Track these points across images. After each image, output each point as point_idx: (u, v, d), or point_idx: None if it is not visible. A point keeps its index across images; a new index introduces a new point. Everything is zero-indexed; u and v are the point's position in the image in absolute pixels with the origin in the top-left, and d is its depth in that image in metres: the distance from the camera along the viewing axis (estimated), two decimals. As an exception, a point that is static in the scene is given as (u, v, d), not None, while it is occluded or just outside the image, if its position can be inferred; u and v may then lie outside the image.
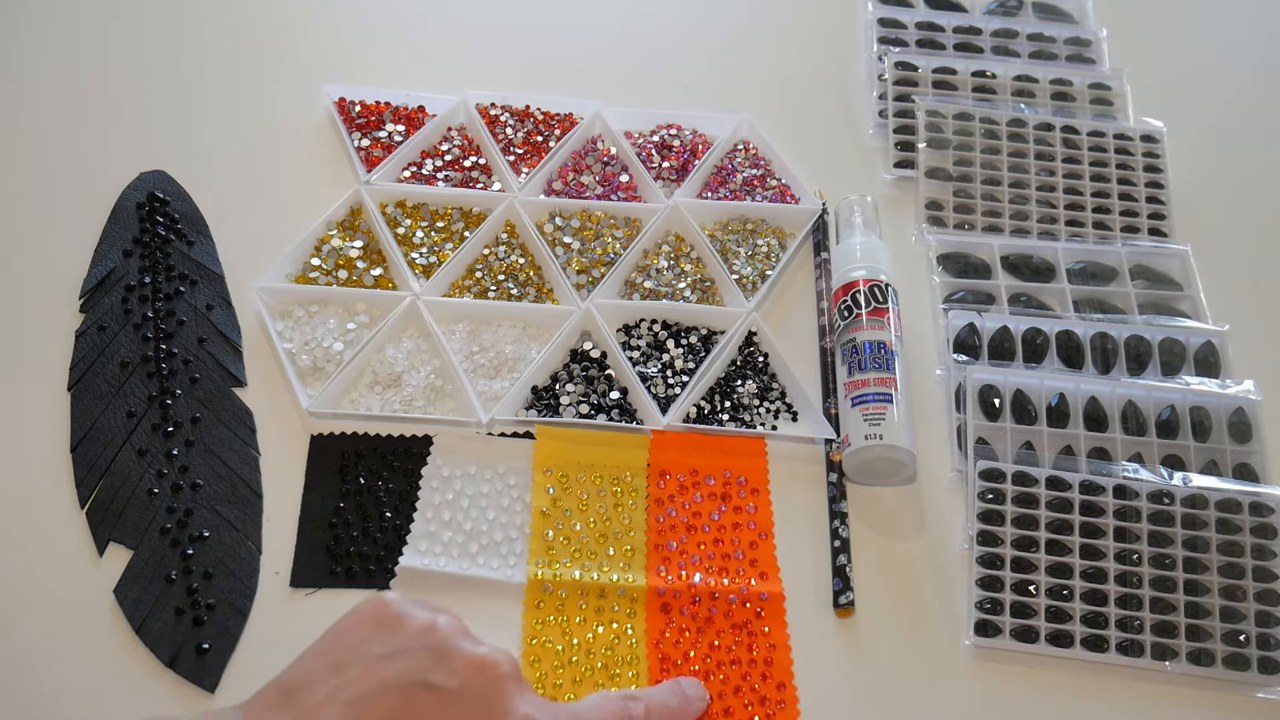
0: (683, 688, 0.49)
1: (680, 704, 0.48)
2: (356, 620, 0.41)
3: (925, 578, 0.57)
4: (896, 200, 0.73)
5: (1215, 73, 0.83)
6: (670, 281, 0.66)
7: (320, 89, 0.73)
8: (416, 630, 0.40)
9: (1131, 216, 0.71)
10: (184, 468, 0.57)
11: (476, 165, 0.71)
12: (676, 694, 0.48)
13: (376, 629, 0.40)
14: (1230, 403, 0.62)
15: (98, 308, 0.62)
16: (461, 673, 0.39)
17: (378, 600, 0.41)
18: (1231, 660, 0.54)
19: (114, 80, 0.74)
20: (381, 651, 0.39)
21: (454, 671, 0.39)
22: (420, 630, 0.40)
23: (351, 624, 0.41)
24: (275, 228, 0.67)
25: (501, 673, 0.40)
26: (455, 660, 0.39)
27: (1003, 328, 0.65)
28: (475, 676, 0.39)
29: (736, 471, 0.59)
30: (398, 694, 0.38)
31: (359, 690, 0.38)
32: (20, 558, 0.54)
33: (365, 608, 0.41)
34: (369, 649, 0.39)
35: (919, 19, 0.81)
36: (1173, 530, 0.57)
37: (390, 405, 0.60)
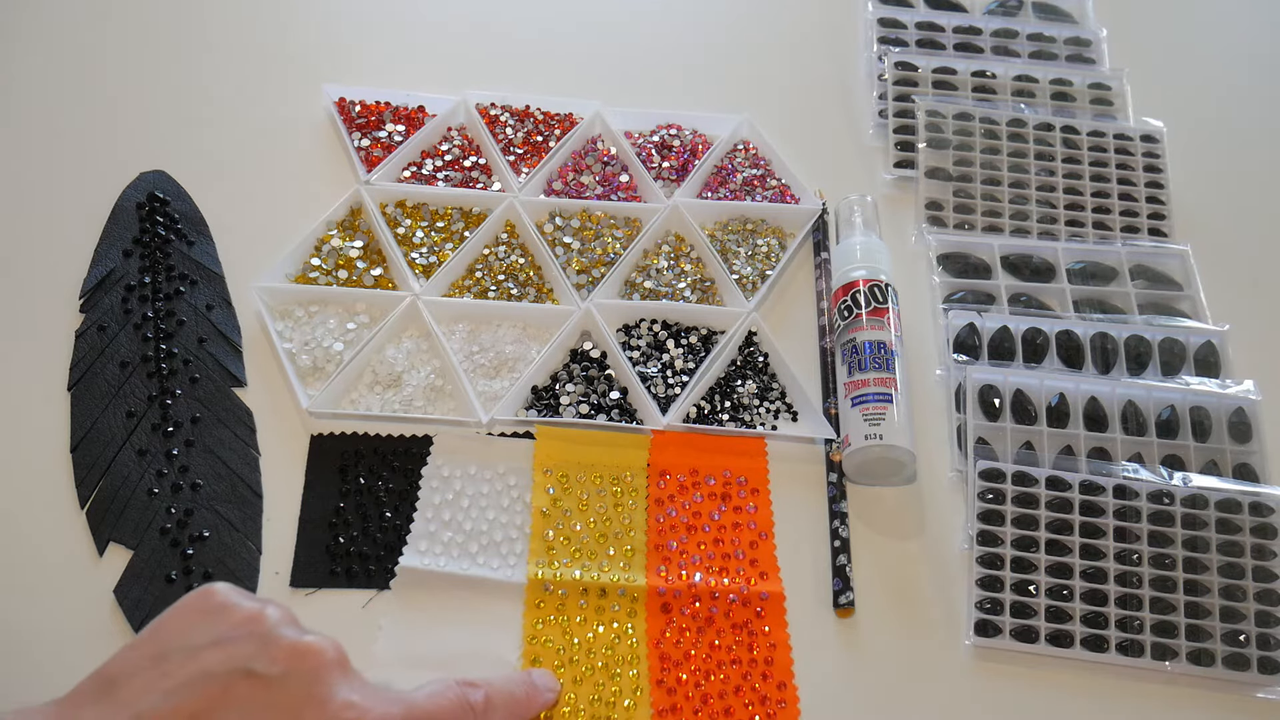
0: (532, 678, 0.48)
1: (526, 693, 0.47)
2: (181, 610, 0.40)
3: (925, 578, 0.57)
4: (896, 200, 0.73)
5: (1215, 73, 0.83)
6: (670, 281, 0.66)
7: (320, 89, 0.73)
8: (241, 619, 0.40)
9: (1131, 216, 0.71)
10: (184, 468, 0.57)
11: (476, 165, 0.71)
12: (524, 683, 0.47)
13: (201, 618, 0.40)
14: (1230, 403, 0.62)
15: (98, 308, 0.62)
16: (283, 660, 0.38)
17: (203, 590, 0.41)
18: (1231, 660, 0.54)
19: (114, 80, 0.74)
20: (204, 640, 0.39)
21: (275, 659, 0.38)
22: (245, 619, 0.40)
23: (176, 614, 0.40)
24: (275, 228, 0.67)
25: (325, 659, 0.39)
26: (277, 648, 0.39)
27: (1003, 328, 0.65)
28: (297, 663, 0.39)
29: (736, 471, 0.59)
30: (218, 681, 0.37)
31: (179, 679, 0.37)
32: (20, 558, 0.54)
33: (190, 598, 0.41)
34: (192, 638, 0.39)
35: (919, 19, 0.81)
36: (1173, 530, 0.57)
37: (390, 405, 0.60)
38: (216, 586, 0.41)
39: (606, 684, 0.52)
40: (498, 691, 0.44)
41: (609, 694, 0.51)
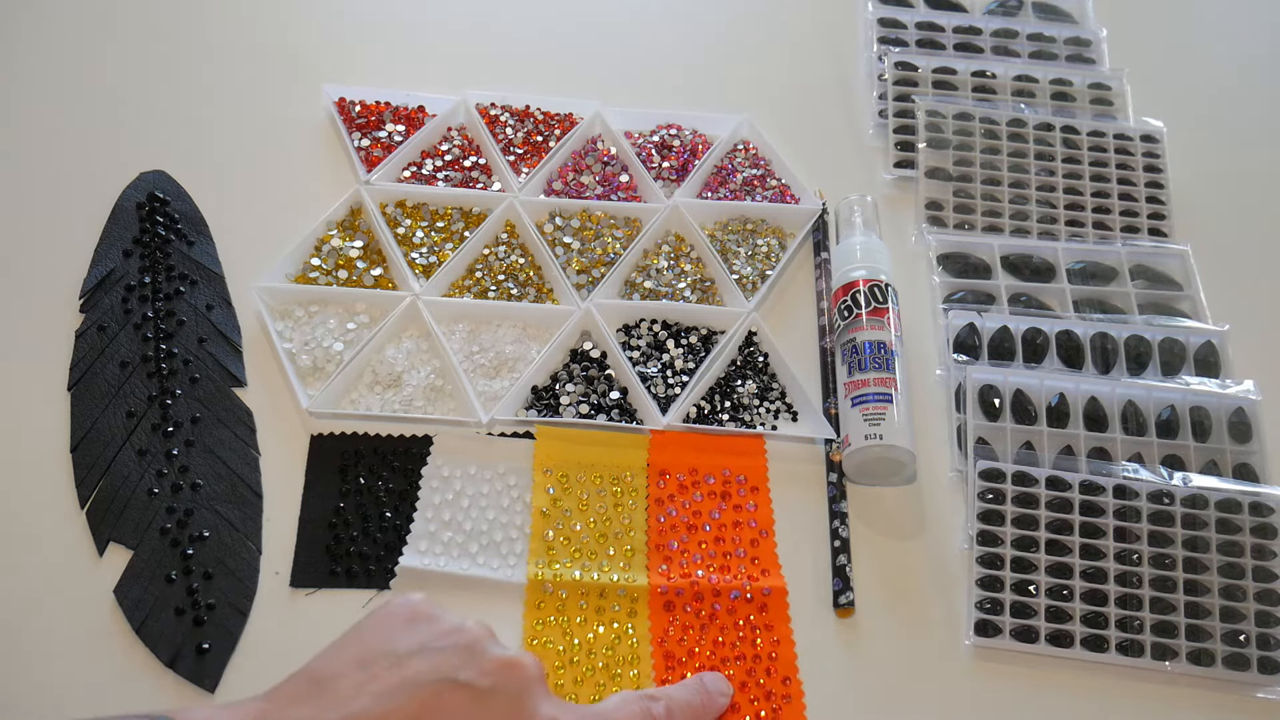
0: (705, 684, 0.49)
1: (703, 700, 0.48)
2: (385, 616, 0.41)
3: (925, 578, 0.57)
4: (896, 200, 0.73)
5: (1215, 73, 0.83)
6: (670, 281, 0.66)
7: (320, 89, 0.73)
8: (445, 630, 0.41)
9: (1131, 216, 0.71)
10: (184, 468, 0.57)
11: (476, 165, 0.71)
12: (699, 691, 0.49)
13: (405, 626, 0.41)
14: (1230, 403, 0.62)
15: (98, 308, 0.62)
16: (492, 672, 0.39)
17: (405, 599, 0.42)
18: (1231, 660, 0.54)
19: (114, 80, 0.74)
20: (410, 648, 0.40)
21: (485, 671, 0.39)
22: (449, 630, 0.41)
23: (380, 620, 0.41)
24: (275, 228, 0.67)
25: (530, 674, 0.40)
26: (485, 660, 0.40)
27: (1003, 328, 0.65)
28: (505, 677, 0.40)
29: (736, 470, 0.59)
30: (428, 689, 0.38)
31: (388, 684, 0.38)
32: (20, 558, 0.54)
33: (395, 605, 0.42)
34: (397, 645, 0.40)
35: (919, 19, 0.81)
36: (1173, 530, 0.57)
37: (390, 405, 0.60)
38: (416, 596, 0.42)
39: (607, 684, 0.52)
40: (676, 701, 0.46)
41: (609, 694, 0.51)
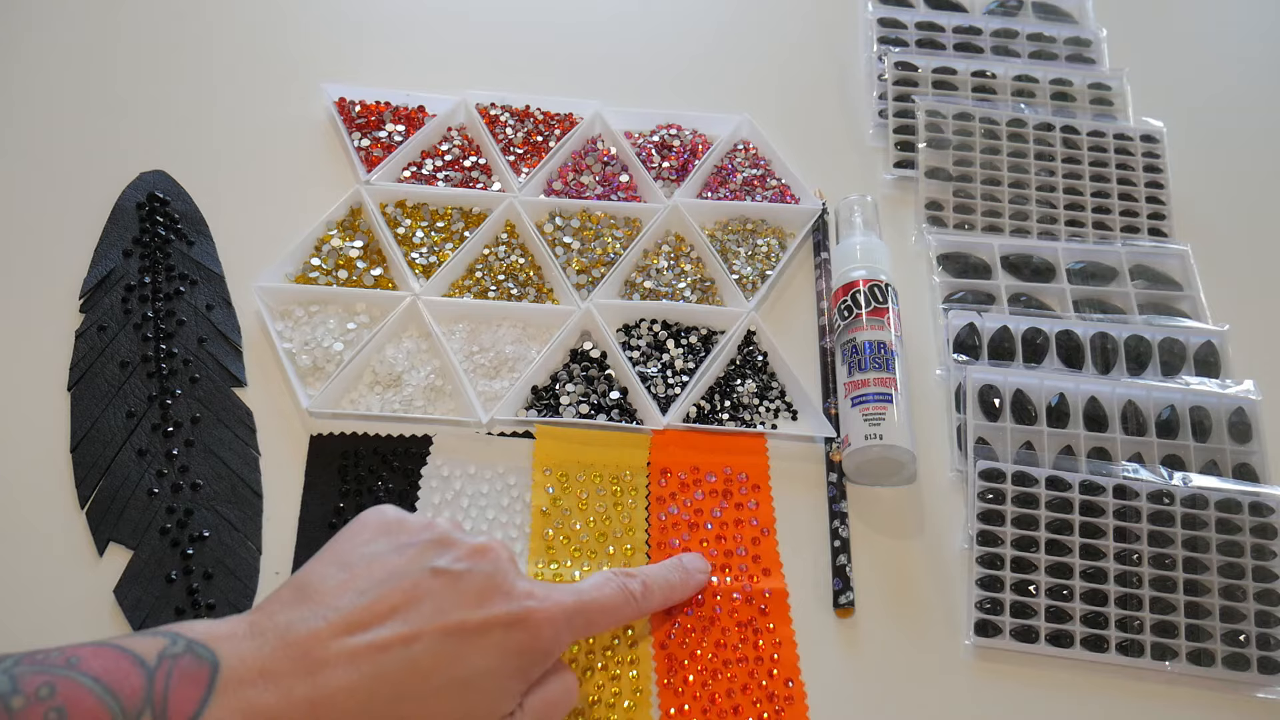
0: (683, 562, 0.52)
1: (680, 577, 0.51)
2: (358, 528, 0.44)
3: (925, 578, 0.57)
4: (896, 200, 0.73)
5: (1215, 73, 0.83)
6: (670, 281, 0.66)
7: (320, 89, 0.73)
8: (416, 528, 0.43)
9: (1131, 216, 0.72)
10: (184, 468, 0.57)
11: (476, 165, 0.71)
12: (676, 569, 0.52)
13: (377, 533, 0.43)
14: (1230, 403, 0.62)
15: (98, 308, 0.62)
16: (466, 557, 0.42)
17: (375, 509, 0.44)
18: (1231, 660, 0.54)
19: (114, 80, 0.74)
20: (386, 548, 0.42)
21: (458, 557, 0.42)
22: (419, 528, 0.43)
23: (354, 530, 0.43)
24: (275, 228, 0.67)
25: (501, 555, 0.43)
26: (459, 547, 0.42)
27: (1003, 328, 0.65)
28: (479, 558, 0.42)
29: (737, 468, 0.59)
30: (408, 579, 0.41)
31: (370, 580, 0.41)
32: (20, 558, 0.54)
33: (364, 516, 0.44)
34: (373, 548, 0.42)
35: (919, 19, 0.81)
36: (1173, 530, 0.57)
37: (390, 405, 0.60)
38: (384, 507, 0.45)
39: (607, 685, 0.52)
40: (653, 578, 0.49)
41: (609, 695, 0.51)
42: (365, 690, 0.38)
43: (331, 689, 0.38)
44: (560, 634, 0.43)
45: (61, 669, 0.35)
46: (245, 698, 0.37)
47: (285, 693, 0.37)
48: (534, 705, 0.43)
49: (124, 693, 0.35)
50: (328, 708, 0.37)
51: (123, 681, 0.35)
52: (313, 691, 0.37)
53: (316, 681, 0.38)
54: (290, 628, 0.39)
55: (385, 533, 0.43)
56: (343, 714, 0.38)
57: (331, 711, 0.38)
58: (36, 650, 0.36)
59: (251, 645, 0.38)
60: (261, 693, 0.37)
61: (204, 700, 0.36)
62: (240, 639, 0.38)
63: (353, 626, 0.39)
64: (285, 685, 0.37)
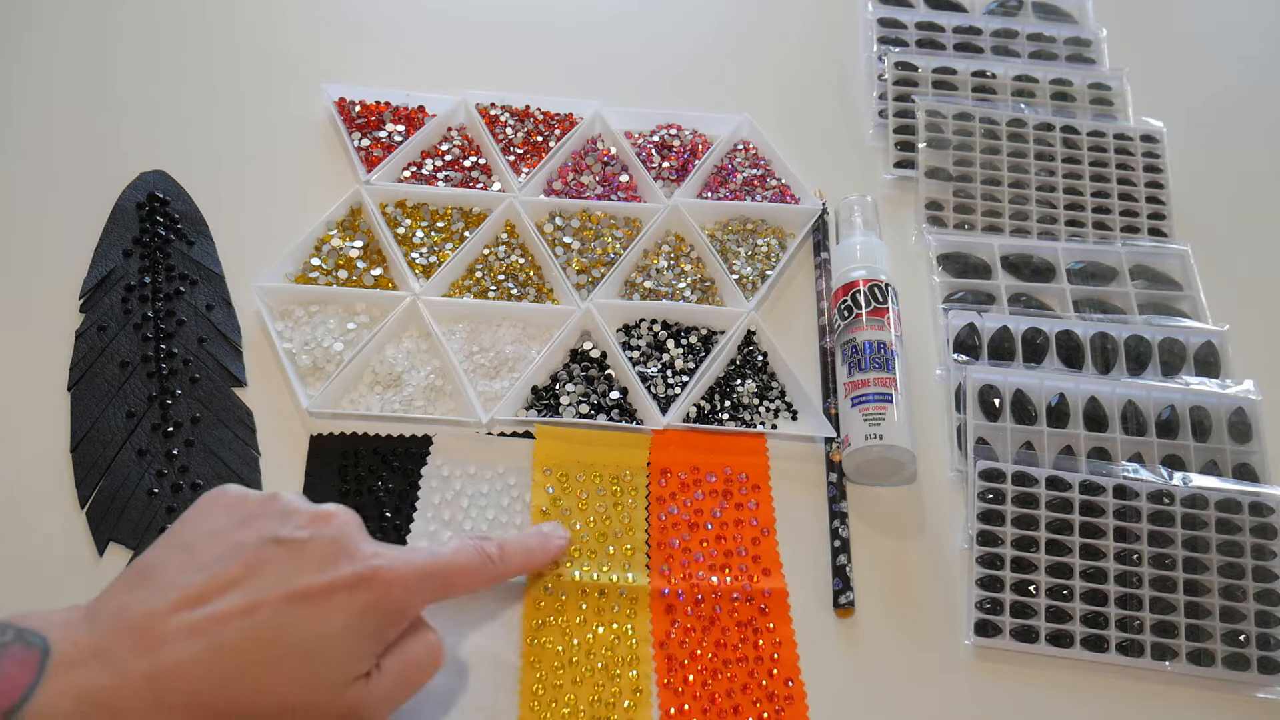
0: (542, 529, 0.53)
1: (539, 542, 0.52)
2: (199, 507, 0.43)
3: (925, 578, 0.57)
4: (896, 200, 0.73)
5: (1215, 73, 0.83)
6: (670, 281, 0.66)
7: (320, 89, 0.73)
8: (258, 501, 0.43)
9: (1131, 216, 0.72)
10: (184, 468, 0.57)
11: (476, 165, 0.71)
12: (535, 534, 0.52)
13: (219, 510, 0.43)
14: (1230, 403, 0.62)
15: (98, 308, 0.62)
16: (307, 524, 0.42)
17: (217, 489, 0.44)
18: (1231, 660, 0.54)
19: (114, 80, 0.74)
20: (227, 524, 0.42)
21: (300, 525, 0.42)
22: (262, 501, 0.43)
23: (197, 510, 0.43)
24: (275, 228, 0.67)
25: (345, 519, 0.43)
26: (300, 515, 0.42)
27: (1003, 328, 0.65)
28: (321, 525, 0.42)
29: (738, 468, 0.59)
30: (249, 551, 0.40)
31: (211, 556, 0.40)
32: (20, 558, 0.54)
33: (205, 497, 0.44)
34: (214, 525, 0.42)
35: (919, 19, 0.81)
36: (1173, 530, 0.57)
37: (390, 405, 0.60)
38: (228, 485, 0.44)
39: (606, 685, 0.52)
40: (510, 543, 0.49)
41: (609, 695, 0.51)
42: (205, 662, 0.38)
43: (170, 663, 0.37)
44: (412, 593, 0.42)
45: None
46: (77, 678, 0.37)
47: (120, 670, 0.37)
48: (392, 665, 0.42)
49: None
50: (167, 682, 0.37)
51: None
52: (150, 667, 0.37)
53: (154, 658, 0.37)
54: (127, 608, 0.39)
55: (226, 510, 0.43)
56: (184, 687, 0.37)
57: (171, 686, 0.37)
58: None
59: (85, 629, 0.38)
60: (95, 672, 0.37)
61: (32, 685, 0.36)
62: (75, 624, 0.38)
63: (191, 601, 0.39)
64: (120, 663, 0.37)
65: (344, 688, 0.41)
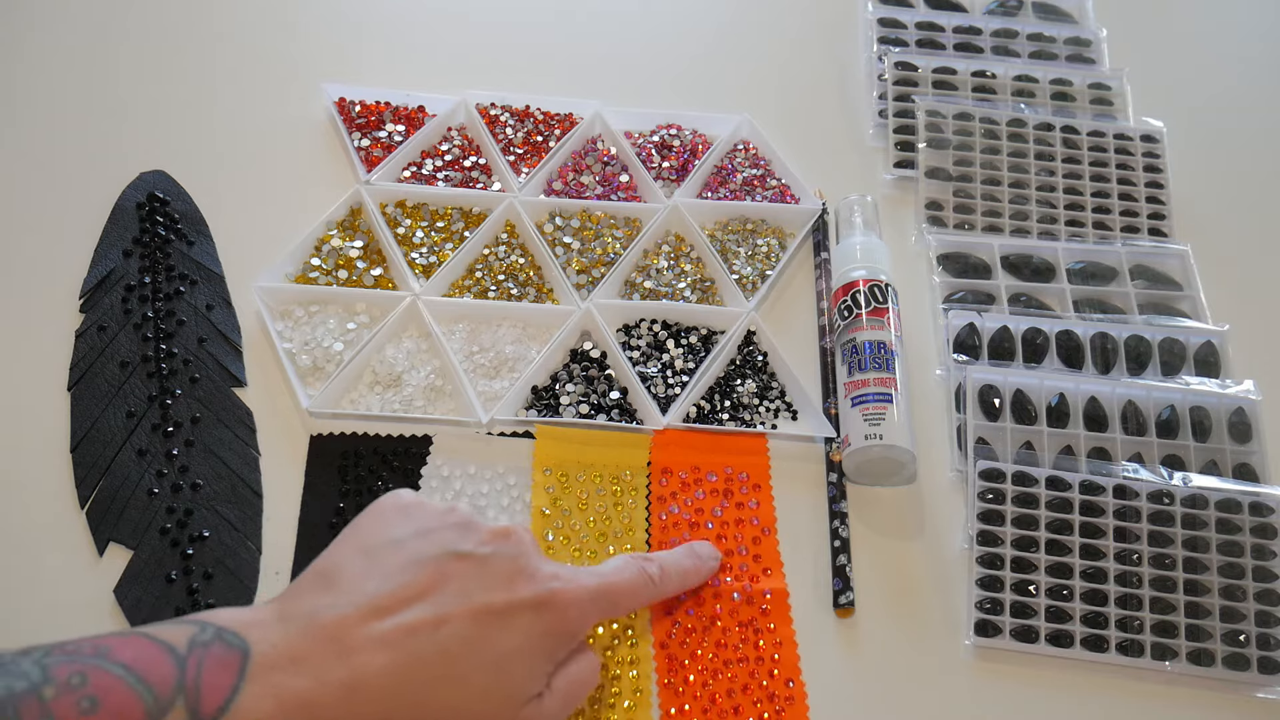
0: (695, 550, 0.53)
1: (694, 564, 0.52)
2: (376, 512, 0.43)
3: (925, 578, 0.57)
4: (896, 200, 0.73)
5: (1215, 73, 0.83)
6: (670, 281, 0.66)
7: (320, 89, 0.73)
8: (436, 513, 0.43)
9: (1131, 216, 0.72)
10: (184, 468, 0.57)
11: (476, 165, 0.71)
12: (690, 555, 0.52)
13: (397, 517, 0.43)
14: (1230, 403, 0.62)
15: (98, 308, 0.62)
16: (489, 541, 0.42)
17: (394, 493, 0.44)
18: (1231, 660, 0.54)
19: (114, 80, 0.74)
20: (407, 533, 0.42)
21: (482, 541, 0.42)
22: (440, 512, 0.43)
23: (374, 515, 0.43)
24: (275, 228, 0.67)
25: (524, 539, 0.43)
26: (480, 532, 0.43)
27: (1003, 328, 0.65)
28: (501, 542, 0.42)
29: (738, 468, 0.59)
30: (432, 563, 0.41)
31: (393, 565, 0.40)
32: (20, 558, 0.54)
33: (383, 500, 0.44)
34: (395, 532, 0.42)
35: (919, 19, 0.81)
36: (1173, 530, 0.57)
37: (390, 405, 0.60)
38: (402, 491, 0.45)
39: (606, 685, 0.52)
40: (669, 564, 0.49)
41: (609, 695, 0.51)
42: (400, 673, 0.38)
43: (367, 672, 0.38)
44: (585, 614, 0.43)
45: (92, 658, 0.35)
46: (277, 683, 0.37)
47: (319, 676, 0.37)
48: (561, 685, 0.43)
49: (155, 681, 0.35)
50: (363, 691, 0.37)
51: (154, 670, 0.35)
52: (348, 675, 0.37)
53: (350, 665, 0.38)
54: (317, 614, 0.39)
55: (405, 517, 0.43)
56: (378, 696, 0.38)
57: (367, 694, 0.37)
58: (66, 641, 0.36)
59: (280, 631, 0.38)
60: (294, 677, 0.37)
61: (236, 687, 0.36)
62: (268, 625, 0.38)
63: (380, 611, 0.39)
64: (318, 669, 0.37)
65: (522, 705, 0.41)
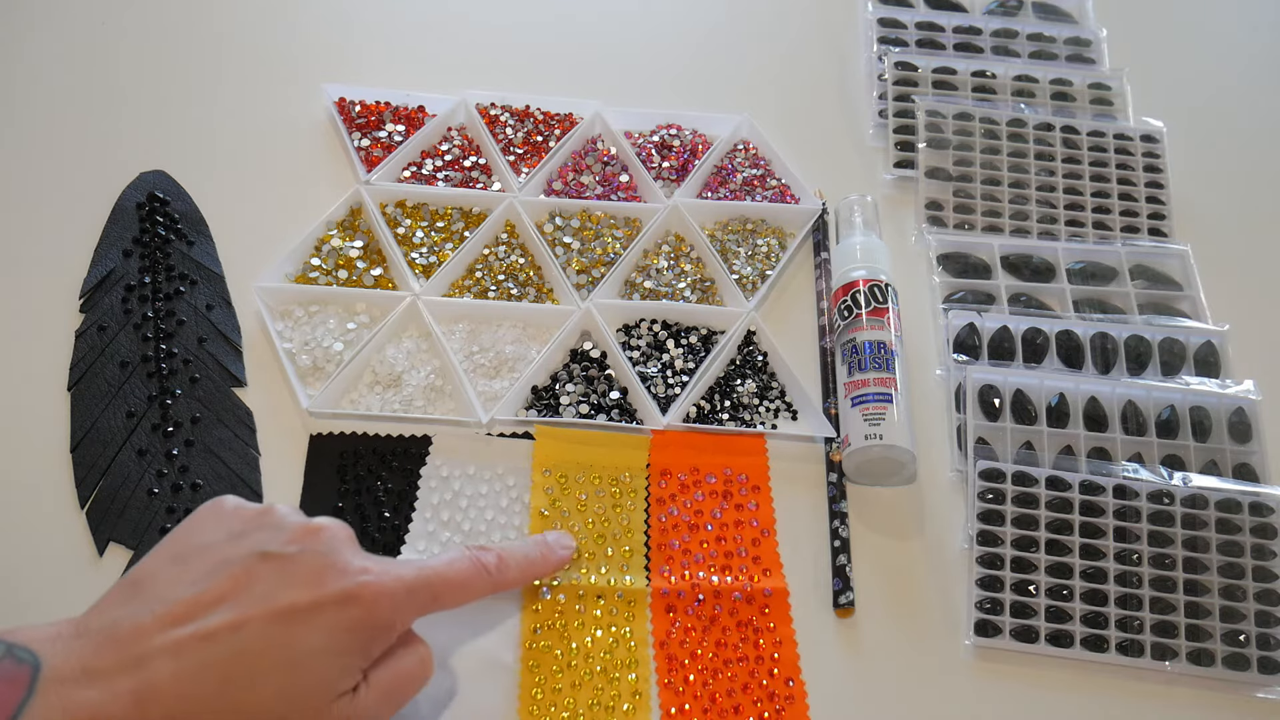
0: (546, 538, 0.52)
1: (541, 552, 0.51)
2: (194, 519, 0.43)
3: (925, 578, 0.57)
4: (896, 200, 0.73)
5: (1215, 73, 0.83)
6: (670, 281, 0.66)
7: (320, 89, 0.73)
8: (250, 515, 0.43)
9: (1131, 216, 0.71)
10: (184, 468, 0.57)
11: (476, 165, 0.71)
12: (538, 544, 0.51)
13: (213, 522, 0.43)
14: (1230, 403, 0.62)
15: (98, 308, 0.62)
16: (297, 539, 0.42)
17: (214, 500, 0.44)
18: (1231, 660, 0.54)
19: (114, 80, 0.74)
20: (219, 537, 0.42)
21: (290, 540, 0.42)
22: (254, 515, 0.43)
23: (189, 523, 0.43)
24: (275, 228, 0.67)
25: (335, 533, 0.43)
26: (289, 530, 0.42)
27: (1003, 328, 0.65)
28: (310, 539, 0.42)
29: (738, 469, 0.59)
30: (238, 566, 0.40)
31: (201, 570, 0.40)
32: (20, 558, 0.54)
33: (202, 508, 0.44)
34: (206, 538, 0.42)
35: (919, 19, 0.81)
36: (1173, 530, 0.57)
37: (390, 405, 0.60)
38: (224, 497, 0.44)
39: (605, 688, 0.52)
40: (510, 553, 0.48)
41: (608, 698, 0.51)
42: (190, 679, 0.38)
43: (155, 681, 0.37)
44: (400, 608, 0.42)
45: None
46: (67, 696, 0.36)
47: (108, 688, 0.37)
48: (381, 679, 0.42)
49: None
50: (153, 699, 0.37)
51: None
52: (136, 684, 0.37)
53: (140, 675, 0.37)
54: (116, 624, 0.39)
55: (220, 521, 0.43)
56: (168, 704, 0.37)
57: (156, 702, 0.37)
58: None
59: (76, 645, 0.38)
60: (84, 690, 0.37)
61: (23, 702, 0.36)
62: (66, 639, 0.38)
63: (179, 618, 0.39)
64: (108, 680, 0.37)
65: (329, 703, 0.40)
